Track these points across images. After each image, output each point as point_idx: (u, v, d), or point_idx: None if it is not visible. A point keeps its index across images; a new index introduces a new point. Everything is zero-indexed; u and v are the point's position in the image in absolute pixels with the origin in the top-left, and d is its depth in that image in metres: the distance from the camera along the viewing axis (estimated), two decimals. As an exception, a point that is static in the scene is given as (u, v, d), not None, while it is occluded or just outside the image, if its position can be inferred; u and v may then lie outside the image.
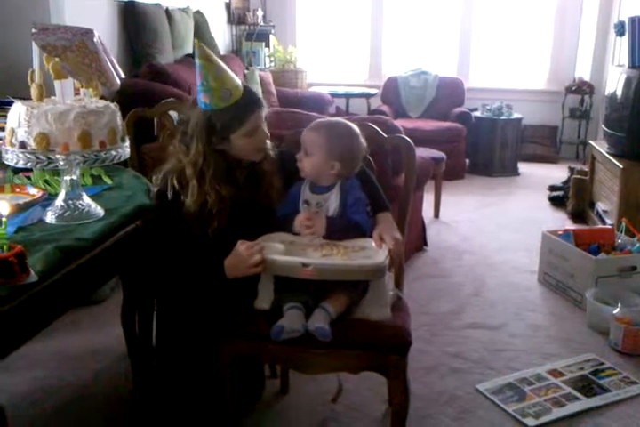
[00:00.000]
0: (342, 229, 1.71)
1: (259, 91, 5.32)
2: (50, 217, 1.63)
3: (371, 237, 1.73)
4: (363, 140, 1.79)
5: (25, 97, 1.69)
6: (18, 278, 1.25)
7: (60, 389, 2.20)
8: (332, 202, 1.74)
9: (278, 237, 1.74)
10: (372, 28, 6.51)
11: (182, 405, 1.96)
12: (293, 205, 1.79)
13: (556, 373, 2.34)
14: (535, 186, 5.17)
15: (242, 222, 1.78)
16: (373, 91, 5.98)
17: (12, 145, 1.54)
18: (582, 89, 5.92)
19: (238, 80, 1.70)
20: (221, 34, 5.84)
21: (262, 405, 2.12)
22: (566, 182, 4.68)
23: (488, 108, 5.72)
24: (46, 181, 1.92)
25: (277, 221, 1.80)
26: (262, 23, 6.14)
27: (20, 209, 1.65)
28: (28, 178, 1.94)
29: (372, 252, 1.65)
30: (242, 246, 1.65)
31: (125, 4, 4.02)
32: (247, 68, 5.50)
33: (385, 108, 5.78)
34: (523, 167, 5.76)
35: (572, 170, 4.69)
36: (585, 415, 2.10)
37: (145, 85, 3.58)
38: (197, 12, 5.01)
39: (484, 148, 5.63)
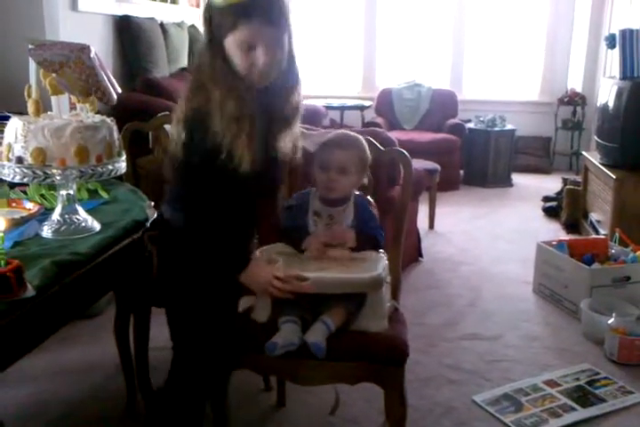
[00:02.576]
0: (360, 243, 1.71)
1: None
2: (46, 232, 1.63)
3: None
4: None
5: (22, 112, 1.70)
6: (15, 293, 1.25)
7: (55, 403, 2.19)
8: (348, 215, 1.73)
9: (275, 249, 1.74)
10: (365, 41, 6.57)
11: (178, 418, 1.95)
12: (300, 216, 1.76)
13: (551, 383, 2.34)
14: (529, 197, 5.20)
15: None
16: (367, 103, 6.00)
17: (9, 160, 1.55)
18: (574, 100, 5.98)
19: None
20: (216, 47, 5.86)
21: (259, 417, 2.12)
22: (560, 193, 4.70)
23: (481, 119, 5.76)
24: (42, 196, 1.91)
25: (280, 232, 1.78)
26: (256, 36, 6.16)
27: (17, 224, 1.64)
28: (24, 192, 1.93)
29: (370, 264, 1.66)
30: (276, 273, 1.57)
31: (120, 19, 4.04)
32: (242, 81, 5.52)
33: (379, 120, 5.81)
34: (516, 178, 5.80)
35: (565, 181, 4.72)
36: (581, 426, 2.10)
37: (140, 99, 3.60)
38: (192, 27, 5.04)
39: (478, 159, 5.67)
